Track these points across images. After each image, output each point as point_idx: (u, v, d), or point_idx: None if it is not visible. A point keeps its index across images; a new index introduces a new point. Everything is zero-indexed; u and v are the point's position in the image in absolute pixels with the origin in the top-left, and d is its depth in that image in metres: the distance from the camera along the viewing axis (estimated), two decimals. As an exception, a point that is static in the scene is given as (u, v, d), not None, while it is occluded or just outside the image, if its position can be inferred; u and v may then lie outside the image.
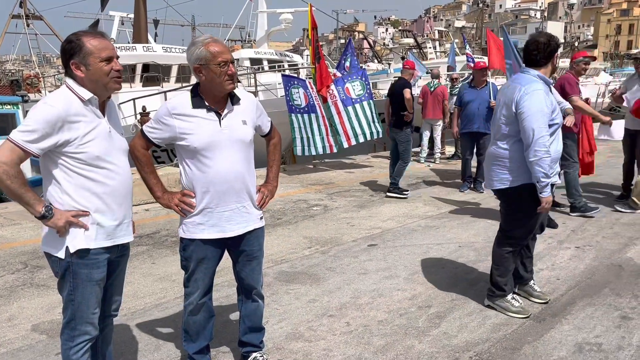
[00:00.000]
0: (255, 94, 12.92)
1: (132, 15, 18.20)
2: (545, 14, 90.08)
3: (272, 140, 2.84)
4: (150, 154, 2.64)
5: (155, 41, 19.98)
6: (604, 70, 31.65)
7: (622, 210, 6.26)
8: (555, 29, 76.03)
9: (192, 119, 2.44)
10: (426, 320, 3.54)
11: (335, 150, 9.29)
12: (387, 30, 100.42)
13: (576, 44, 61.68)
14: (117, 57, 2.18)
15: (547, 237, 5.29)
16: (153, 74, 15.25)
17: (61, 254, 2.17)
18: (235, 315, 3.53)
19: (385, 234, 5.61)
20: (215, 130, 2.46)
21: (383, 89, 15.61)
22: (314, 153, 9.22)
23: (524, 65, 3.59)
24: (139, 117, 9.30)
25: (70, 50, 2.11)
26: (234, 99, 2.54)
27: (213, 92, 2.47)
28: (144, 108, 8.54)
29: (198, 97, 2.48)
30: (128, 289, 4.13)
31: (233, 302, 3.59)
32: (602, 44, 76.67)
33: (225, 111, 2.51)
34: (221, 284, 4.06)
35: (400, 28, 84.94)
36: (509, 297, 3.67)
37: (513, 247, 3.64)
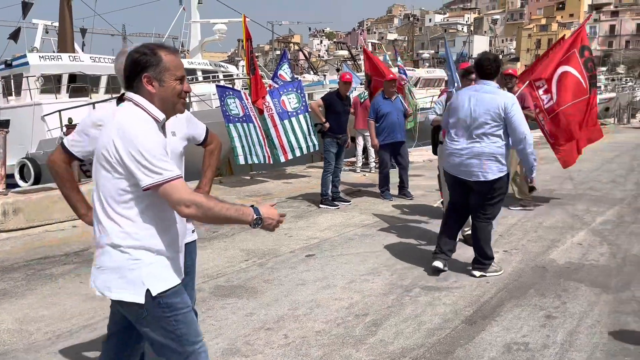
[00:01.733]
0: (189, 104, 12.69)
1: (57, 24, 17.42)
2: (472, 29, 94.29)
3: (209, 146, 2.75)
4: (77, 168, 2.52)
5: (82, 50, 19.22)
6: (526, 82, 33.43)
7: (515, 209, 6.79)
8: (480, 42, 79.75)
9: None
10: (363, 329, 3.57)
11: (272, 162, 9.26)
12: (321, 42, 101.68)
13: (500, 57, 64.75)
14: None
15: (477, 242, 5.50)
16: (80, 85, 14.65)
17: (140, 299, 1.94)
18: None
19: (322, 244, 5.63)
20: None
21: (319, 100, 15.75)
22: (256, 161, 9.12)
23: (457, 76, 3.90)
24: (65, 129, 8.88)
25: (145, 63, 1.94)
26: None
27: None
28: (70, 120, 8.17)
29: None
30: (53, 311, 3.92)
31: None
32: (524, 57, 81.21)
33: None
34: (154, 301, 3.92)
35: (334, 40, 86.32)
36: (494, 262, 4.54)
37: (492, 220, 4.55)
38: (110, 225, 1.95)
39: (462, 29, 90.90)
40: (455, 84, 6.32)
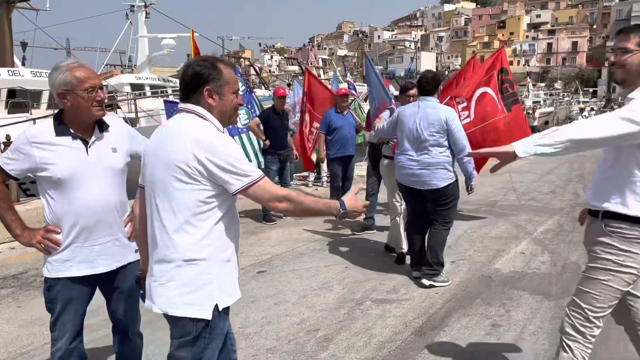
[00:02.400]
0: (136, 120, 12.42)
1: (-5, 37, 16.72)
2: (419, 45, 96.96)
3: None
4: (16, 187, 2.41)
5: (23, 65, 18.52)
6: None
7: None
8: (427, 59, 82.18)
9: (55, 147, 2.27)
10: (314, 344, 3.56)
11: None
12: (272, 57, 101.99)
13: (446, 72, 66.94)
14: None
15: (426, 254, 5.61)
16: (20, 100, 14.08)
17: (208, 315, 1.95)
18: (113, 358, 3.29)
19: (274, 260, 5.59)
20: (82, 159, 2.31)
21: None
22: None
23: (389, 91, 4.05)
24: (2, 147, 8.49)
25: (208, 76, 1.96)
26: (103, 126, 2.41)
27: (80, 118, 2.32)
28: (7, 137, 7.82)
29: (62, 125, 2.31)
30: (-13, 339, 3.71)
31: (111, 343, 3.35)
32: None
33: (93, 139, 2.36)
34: (97, 325, 3.77)
35: (285, 56, 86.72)
36: (442, 272, 4.71)
37: (449, 226, 4.79)
38: (182, 238, 1.92)
39: (410, 45, 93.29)
40: (376, 101, 6.53)
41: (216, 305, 1.96)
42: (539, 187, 10.21)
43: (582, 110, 23.20)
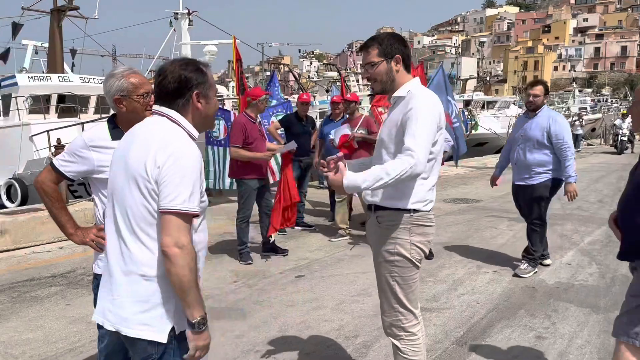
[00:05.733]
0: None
1: (47, 45, 17.44)
2: (460, 51, 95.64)
3: None
4: (65, 188, 2.49)
5: (72, 71, 19.24)
6: (514, 103, 33.95)
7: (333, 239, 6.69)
8: (468, 64, 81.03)
9: (111, 150, 2.34)
10: (353, 351, 3.54)
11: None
12: (311, 63, 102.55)
13: (488, 78, 65.86)
14: None
15: (467, 262, 5.51)
16: (69, 105, 14.61)
17: (163, 338, 1.77)
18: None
19: (312, 265, 5.60)
20: None
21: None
22: (222, 188, 9.11)
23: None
24: (53, 150, 8.83)
25: (196, 80, 1.89)
26: None
27: (133, 123, 2.39)
28: (58, 140, 8.10)
29: (117, 129, 2.40)
30: (38, 334, 3.86)
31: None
32: (511, 79, 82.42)
33: None
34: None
35: (324, 62, 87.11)
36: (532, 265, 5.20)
37: (537, 225, 5.23)
38: (141, 251, 1.77)
39: (450, 50, 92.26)
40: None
41: (173, 328, 1.78)
42: (586, 196, 9.89)
43: (624, 115, 21.61)
